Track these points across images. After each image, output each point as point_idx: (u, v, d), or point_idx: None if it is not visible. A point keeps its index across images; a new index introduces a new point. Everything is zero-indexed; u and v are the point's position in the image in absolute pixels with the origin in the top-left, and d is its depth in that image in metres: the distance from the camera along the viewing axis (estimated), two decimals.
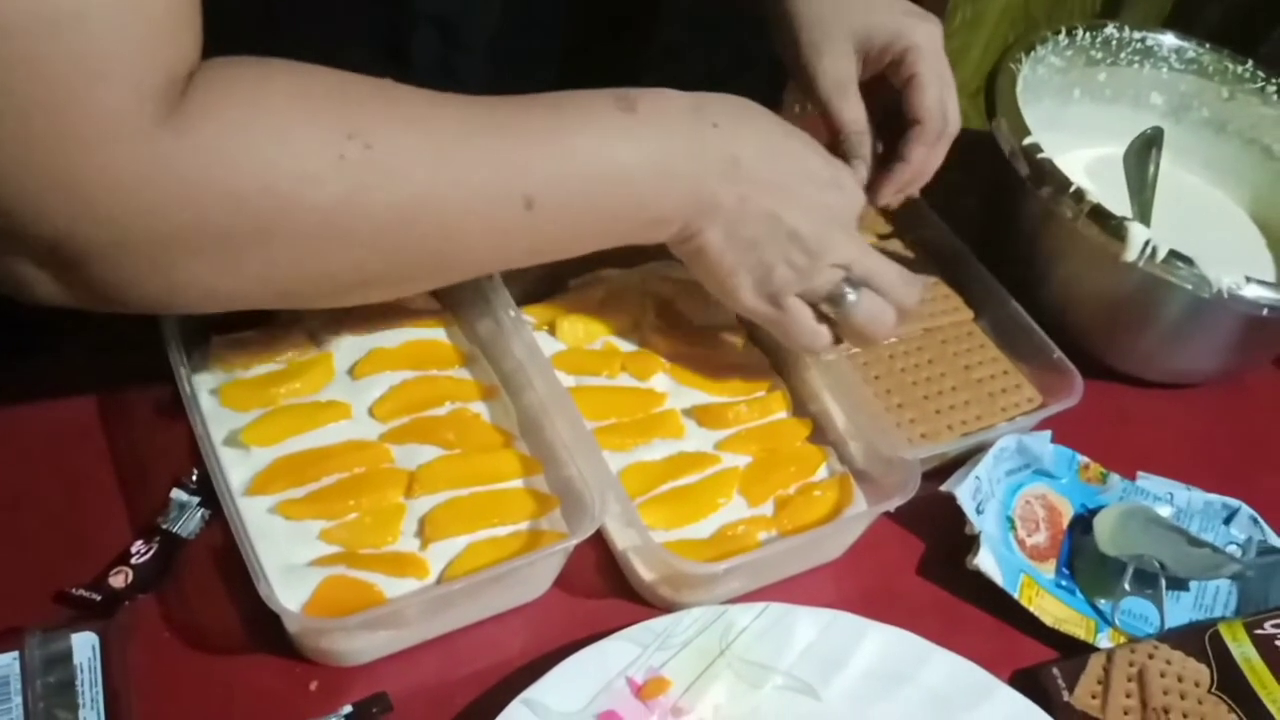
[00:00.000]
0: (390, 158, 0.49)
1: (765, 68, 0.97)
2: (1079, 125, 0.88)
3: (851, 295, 0.63)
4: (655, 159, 0.58)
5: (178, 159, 0.44)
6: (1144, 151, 0.76)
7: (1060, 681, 0.61)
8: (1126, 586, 0.66)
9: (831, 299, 0.63)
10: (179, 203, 0.44)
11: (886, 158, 0.69)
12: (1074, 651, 0.63)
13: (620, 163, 0.57)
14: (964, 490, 0.65)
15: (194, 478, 0.62)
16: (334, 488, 0.60)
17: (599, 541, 0.63)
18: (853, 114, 0.68)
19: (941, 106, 0.69)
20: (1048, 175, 0.74)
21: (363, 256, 0.51)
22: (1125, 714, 0.60)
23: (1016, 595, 0.63)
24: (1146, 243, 0.70)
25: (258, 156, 0.46)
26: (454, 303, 0.70)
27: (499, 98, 0.55)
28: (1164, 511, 0.70)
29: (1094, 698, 0.60)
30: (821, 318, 0.64)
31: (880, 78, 0.69)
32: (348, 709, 0.55)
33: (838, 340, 0.65)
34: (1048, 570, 0.67)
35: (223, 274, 0.48)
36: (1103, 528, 0.67)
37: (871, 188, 0.69)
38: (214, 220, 0.46)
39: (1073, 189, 0.72)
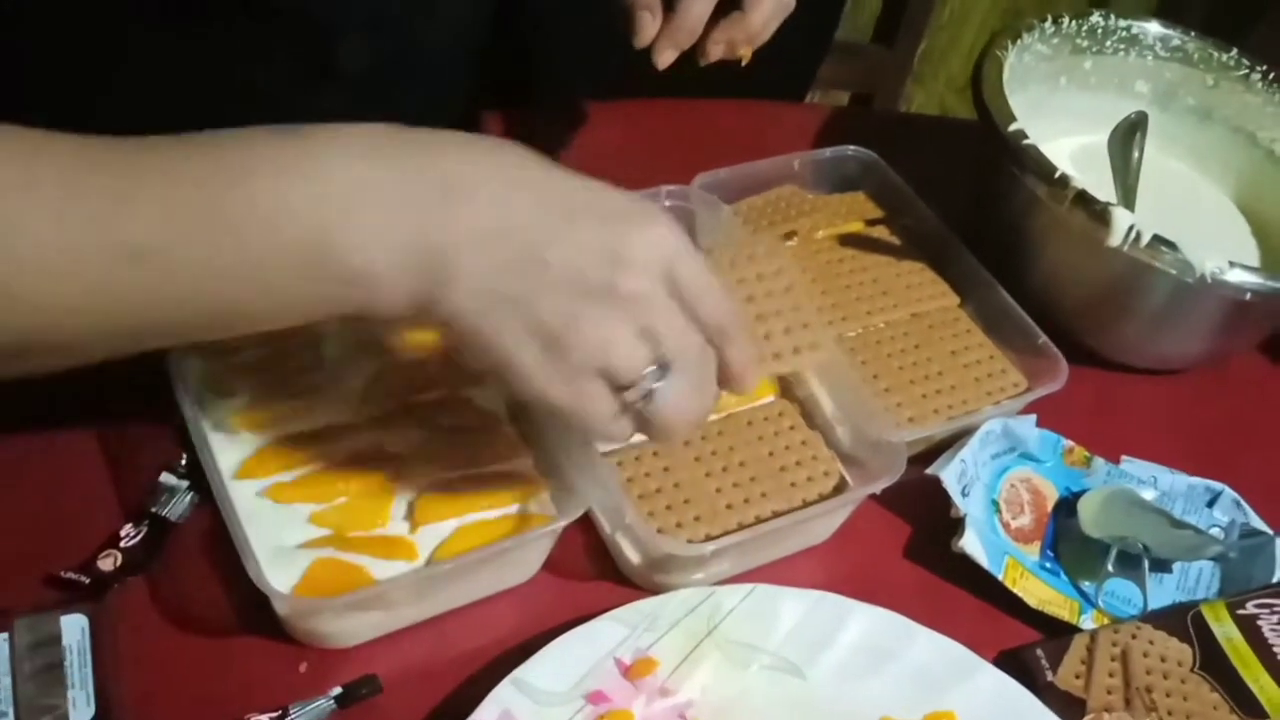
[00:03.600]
0: None
1: None
2: (1065, 113, 0.89)
3: (658, 385, 0.50)
4: (328, 191, 0.45)
5: None
6: (1128, 136, 0.77)
7: (1044, 662, 0.62)
8: (1110, 568, 0.66)
9: (637, 389, 0.50)
10: None
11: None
12: (1058, 633, 0.64)
13: (272, 202, 0.44)
14: (949, 473, 0.66)
15: (183, 461, 0.62)
16: (323, 471, 0.60)
17: (587, 524, 0.64)
18: None
19: None
20: (1033, 162, 0.75)
21: None
22: (1108, 694, 0.60)
23: (1001, 577, 0.64)
24: (1130, 228, 0.70)
25: None
26: None
27: (132, 139, 0.45)
28: (1148, 495, 0.71)
29: (1077, 678, 0.61)
30: (622, 403, 0.50)
31: None
32: (337, 690, 0.55)
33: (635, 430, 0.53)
34: (1032, 552, 0.67)
35: None
36: (1087, 510, 0.68)
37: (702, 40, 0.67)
38: None
39: (1057, 175, 0.73)
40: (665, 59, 0.67)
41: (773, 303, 0.64)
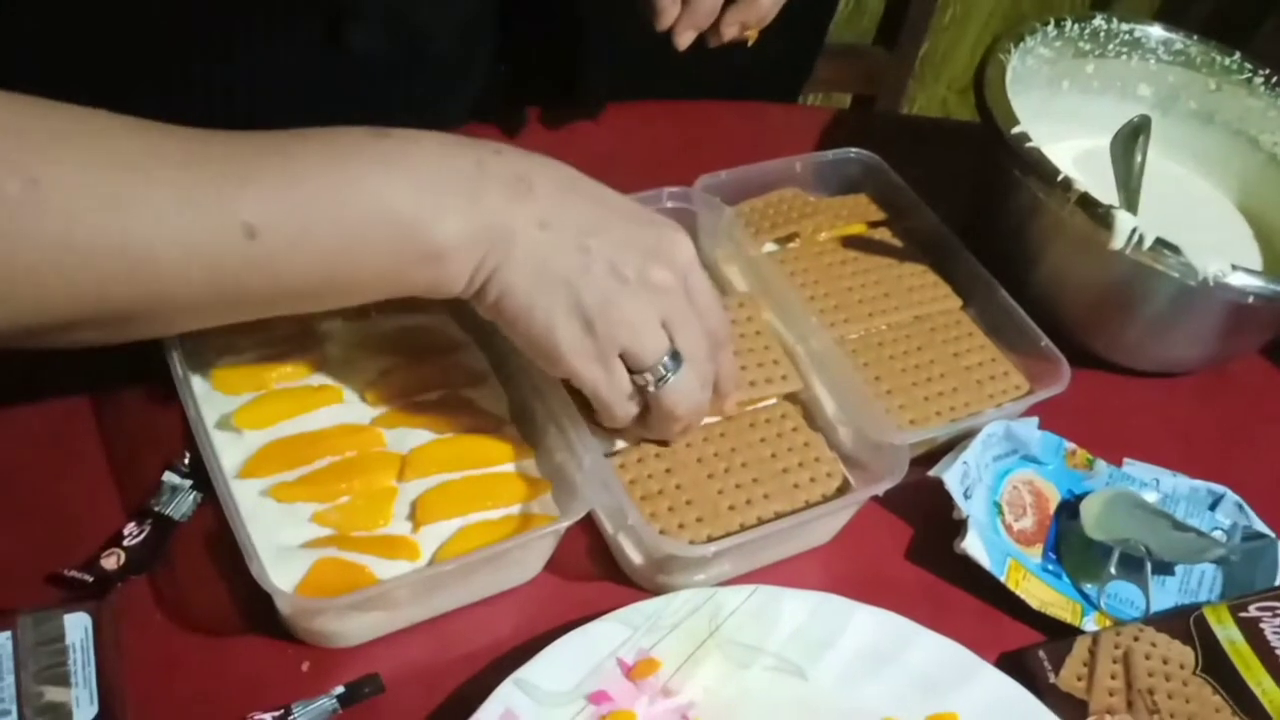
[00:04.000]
0: (52, 194, 0.46)
1: None
2: (1067, 116, 0.89)
3: (673, 370, 0.58)
4: (419, 178, 0.52)
5: None
6: (1131, 140, 0.77)
7: (1046, 664, 0.62)
8: (1112, 570, 0.66)
9: (654, 372, 0.58)
10: None
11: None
12: (1060, 635, 0.64)
13: (373, 185, 0.51)
14: (952, 475, 0.66)
15: (186, 460, 0.62)
16: (326, 471, 0.60)
17: (589, 525, 0.64)
18: None
19: None
20: (1036, 165, 0.75)
21: (45, 296, 0.47)
22: (1110, 695, 0.60)
23: (1003, 579, 0.64)
24: (1133, 231, 0.70)
25: None
26: None
27: (220, 132, 0.50)
28: (1150, 497, 0.71)
29: (1079, 680, 0.61)
30: (637, 387, 0.59)
31: None
32: (340, 690, 0.55)
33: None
34: (1034, 554, 0.67)
35: None
36: (1089, 513, 0.68)
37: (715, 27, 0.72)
38: None
39: (1060, 178, 0.73)
40: (685, 39, 0.71)
41: (745, 343, 0.71)
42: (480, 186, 0.53)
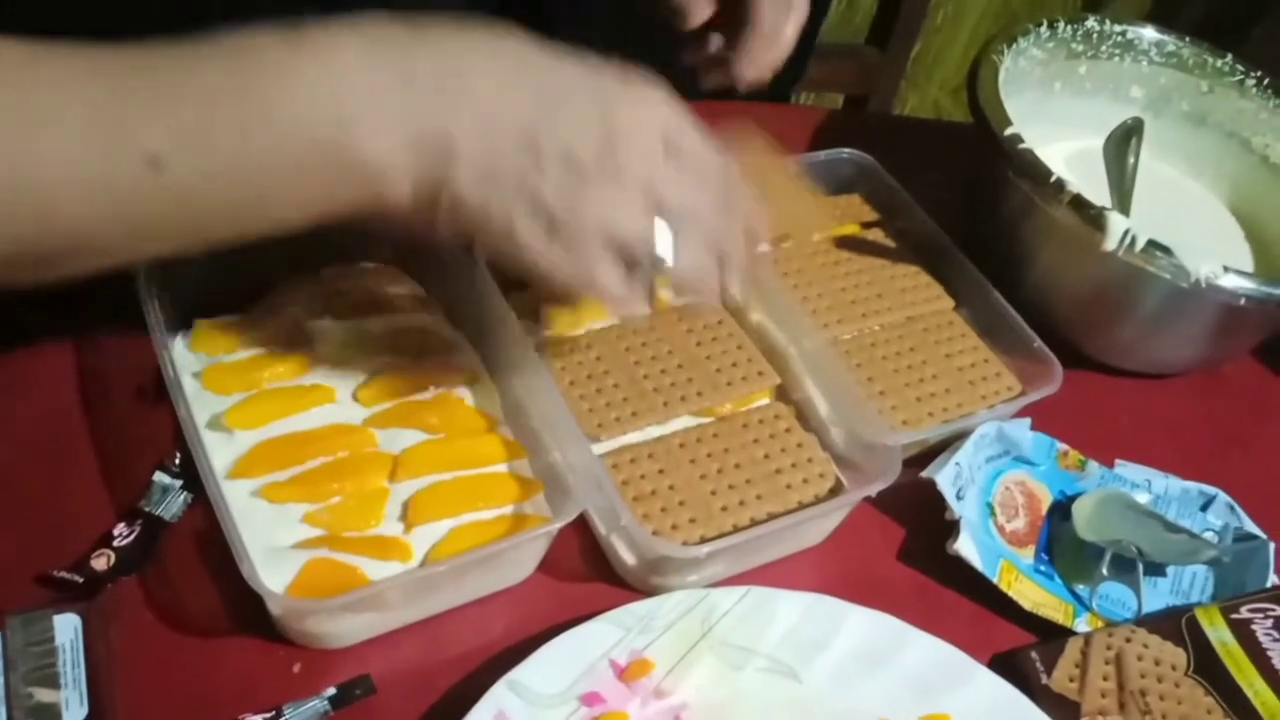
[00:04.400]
0: None
1: None
2: (1059, 118, 0.89)
3: (667, 250, 0.52)
4: (338, 91, 0.46)
5: None
6: (1124, 142, 0.77)
7: (1039, 665, 0.62)
8: (1105, 571, 0.66)
9: (646, 256, 0.52)
10: None
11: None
12: (1052, 636, 0.64)
13: (288, 104, 0.46)
14: (944, 476, 0.66)
15: (176, 461, 0.62)
16: (317, 471, 0.60)
17: (582, 525, 0.64)
18: None
19: None
20: (1029, 166, 0.75)
21: None
22: (1103, 697, 0.60)
23: (996, 580, 0.64)
24: (1126, 232, 0.70)
25: None
26: (439, 289, 0.70)
27: (121, 49, 0.45)
28: (1142, 498, 0.71)
29: (1072, 681, 0.61)
30: (634, 274, 0.53)
31: None
32: (331, 691, 0.55)
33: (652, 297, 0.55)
34: (1027, 555, 0.67)
35: None
36: (1081, 514, 0.68)
37: (741, 62, 0.64)
38: None
39: (1053, 179, 0.73)
40: (751, 77, 0.64)
41: (718, 345, 0.72)
42: (409, 90, 0.47)
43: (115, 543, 0.58)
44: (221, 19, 0.47)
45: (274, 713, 0.54)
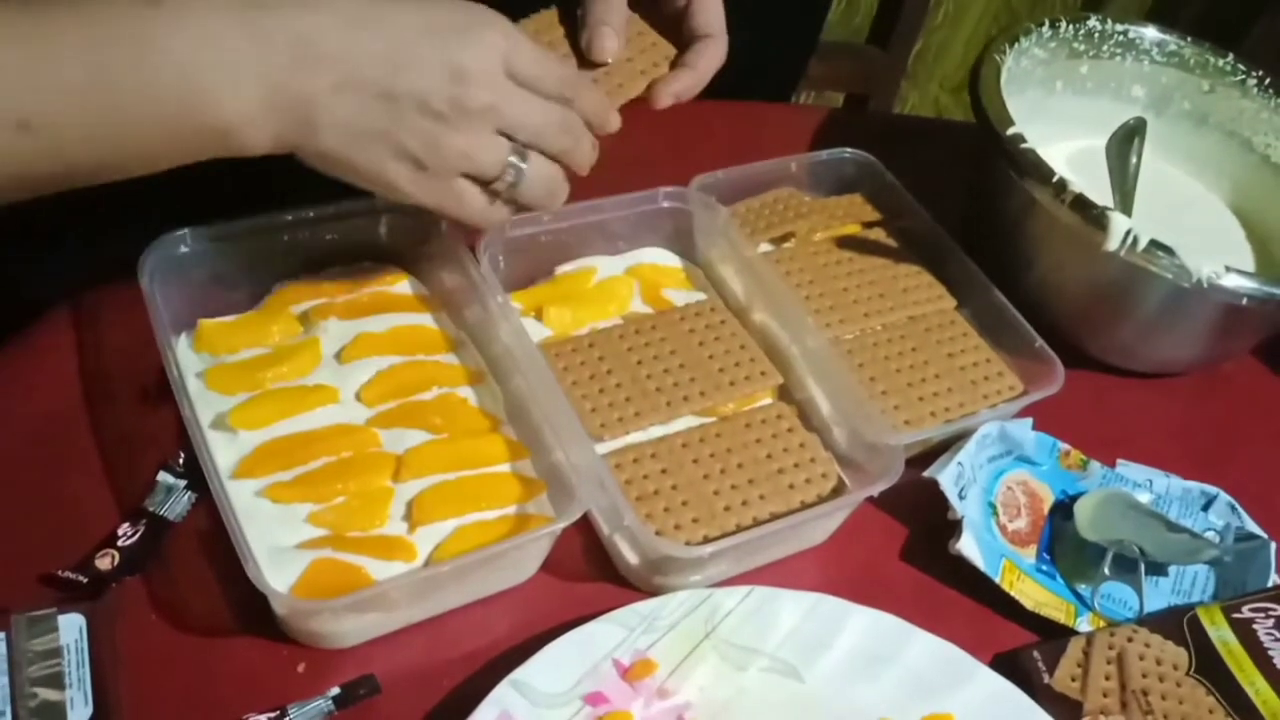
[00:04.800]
0: None
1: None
2: (1061, 117, 0.89)
3: (522, 169, 0.58)
4: (193, 55, 0.49)
5: None
6: (1126, 142, 0.77)
7: (1040, 664, 0.62)
8: (1106, 571, 0.66)
9: (503, 179, 0.57)
10: None
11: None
12: (1054, 635, 0.64)
13: (144, 68, 0.49)
14: (947, 476, 0.66)
15: (180, 460, 0.62)
16: (322, 471, 0.60)
17: (585, 525, 0.64)
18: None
19: (721, 21, 0.67)
20: (1031, 166, 0.75)
21: None
22: (1105, 696, 0.61)
23: (998, 579, 0.64)
24: (1128, 232, 0.70)
25: None
26: (442, 289, 0.70)
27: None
28: (1143, 498, 0.71)
29: (1074, 680, 0.61)
30: (492, 193, 0.59)
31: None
32: (335, 691, 0.55)
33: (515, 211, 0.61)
34: (1028, 555, 0.67)
35: None
36: (1083, 513, 0.68)
37: (653, 91, 0.67)
38: None
39: (1055, 179, 0.73)
40: (665, 102, 0.68)
41: (720, 345, 0.72)
42: (262, 56, 0.51)
43: (119, 542, 0.58)
44: None
45: (278, 712, 0.54)
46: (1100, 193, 0.74)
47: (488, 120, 0.56)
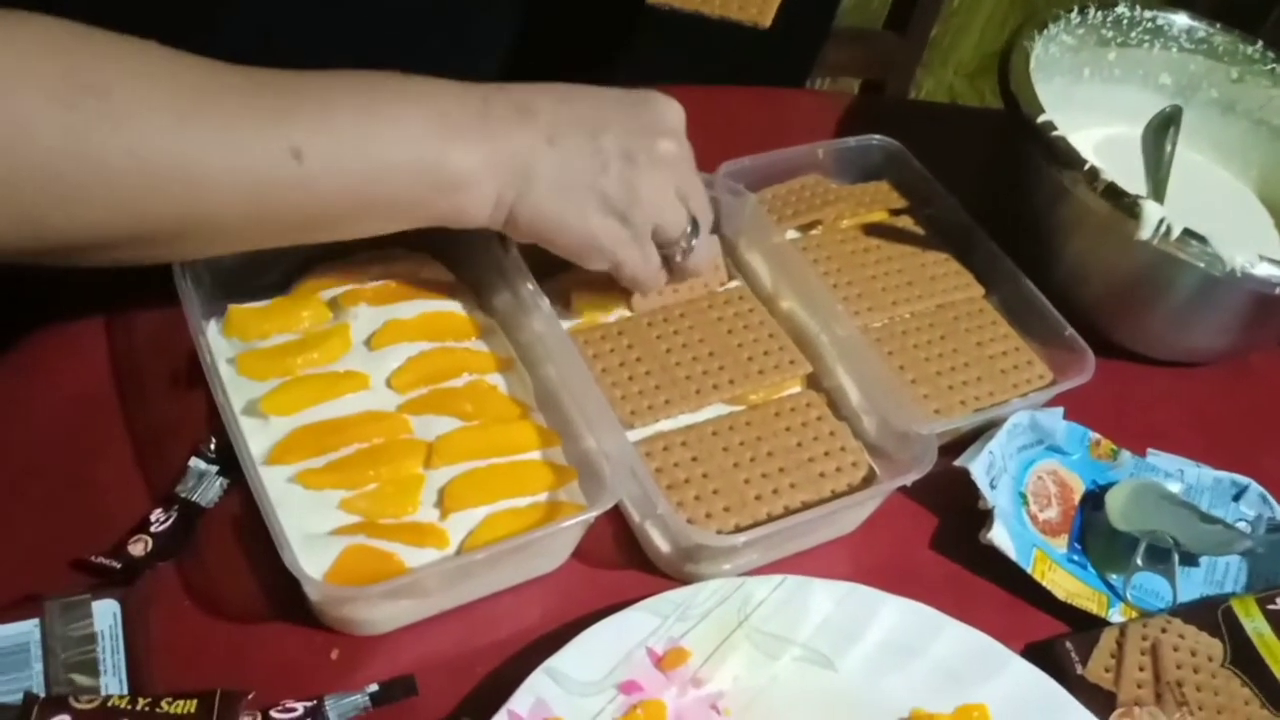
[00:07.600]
0: (124, 108, 0.49)
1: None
2: (1088, 105, 0.88)
3: (694, 235, 0.65)
4: (437, 116, 0.57)
5: None
6: (1162, 130, 0.76)
7: (1073, 655, 0.61)
8: (1139, 561, 0.66)
9: (679, 245, 0.64)
10: None
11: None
12: (1086, 626, 0.64)
13: (400, 120, 0.56)
14: (978, 465, 0.66)
15: (212, 446, 0.61)
16: (353, 457, 0.60)
17: (615, 513, 0.64)
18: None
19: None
20: (1061, 153, 0.74)
21: (98, 212, 0.50)
22: (1139, 687, 0.60)
23: (1029, 569, 0.64)
24: (1161, 221, 0.70)
25: None
26: (471, 276, 0.70)
27: (263, 69, 0.55)
28: (1174, 488, 0.71)
29: (1107, 671, 0.61)
30: (666, 258, 0.65)
31: None
32: (373, 688, 0.55)
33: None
34: (1060, 545, 0.67)
35: None
36: (1114, 503, 0.68)
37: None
38: None
39: (1087, 167, 0.73)
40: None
41: (749, 334, 0.72)
42: (489, 119, 0.58)
43: (152, 528, 0.58)
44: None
45: (315, 701, 0.54)
46: (1128, 181, 0.73)
47: (673, 177, 0.63)
